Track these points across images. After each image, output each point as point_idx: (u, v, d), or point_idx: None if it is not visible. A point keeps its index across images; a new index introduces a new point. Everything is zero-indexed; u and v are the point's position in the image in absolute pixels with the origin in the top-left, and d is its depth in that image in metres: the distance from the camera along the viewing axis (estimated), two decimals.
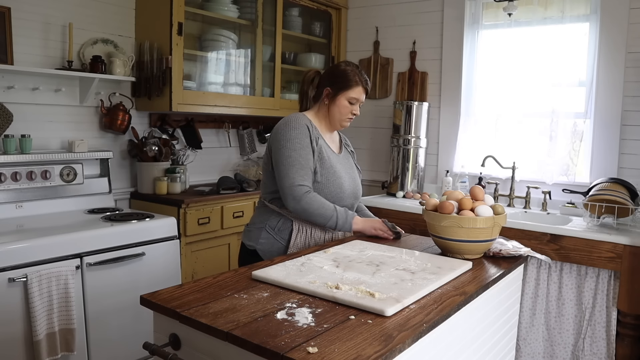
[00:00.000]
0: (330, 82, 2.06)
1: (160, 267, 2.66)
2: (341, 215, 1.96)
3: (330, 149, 2.07)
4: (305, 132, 1.95)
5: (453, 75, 3.62)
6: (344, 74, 2.04)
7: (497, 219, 1.76)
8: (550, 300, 2.71)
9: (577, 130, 3.16)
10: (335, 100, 2.04)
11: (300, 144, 1.92)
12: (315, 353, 1.03)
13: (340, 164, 2.07)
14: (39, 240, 2.21)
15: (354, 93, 2.03)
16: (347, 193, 2.05)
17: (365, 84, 2.06)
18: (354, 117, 2.10)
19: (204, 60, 3.39)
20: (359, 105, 2.09)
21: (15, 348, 2.10)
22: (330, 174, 1.99)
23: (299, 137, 1.93)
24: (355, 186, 2.13)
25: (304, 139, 1.94)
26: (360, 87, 2.04)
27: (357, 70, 2.06)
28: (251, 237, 2.04)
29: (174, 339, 1.27)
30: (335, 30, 4.10)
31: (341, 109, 2.04)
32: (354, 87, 2.03)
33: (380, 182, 3.90)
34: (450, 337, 1.40)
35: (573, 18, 3.17)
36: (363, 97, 2.08)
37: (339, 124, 2.08)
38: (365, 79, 2.06)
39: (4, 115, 2.58)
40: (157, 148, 3.13)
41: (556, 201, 3.18)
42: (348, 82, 2.03)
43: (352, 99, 2.04)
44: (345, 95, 2.03)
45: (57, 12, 2.80)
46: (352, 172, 2.14)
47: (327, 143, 2.06)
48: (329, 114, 2.07)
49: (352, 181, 2.09)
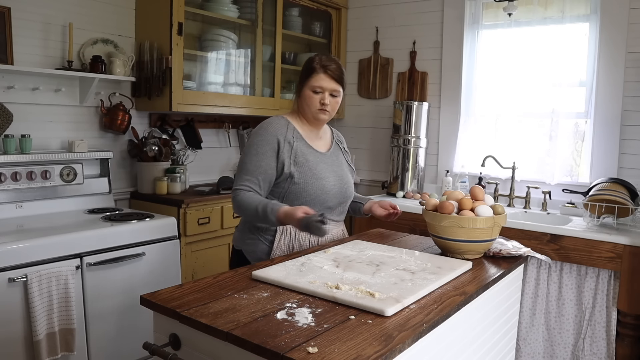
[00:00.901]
0: (299, 77, 1.99)
1: (160, 267, 2.66)
2: (262, 210, 1.79)
3: (312, 149, 1.97)
4: (270, 138, 1.89)
5: (453, 75, 3.62)
6: (306, 64, 1.96)
7: (497, 219, 1.76)
8: (550, 300, 2.71)
9: (578, 130, 3.16)
10: (302, 93, 1.96)
11: (257, 150, 1.88)
12: (315, 353, 1.03)
13: (324, 164, 1.97)
14: (39, 240, 2.21)
15: (314, 81, 1.91)
16: (332, 194, 1.95)
17: (327, 69, 1.91)
18: (326, 108, 1.95)
19: (204, 60, 3.39)
20: (329, 95, 1.94)
21: (15, 348, 2.10)
22: (308, 175, 1.90)
23: (259, 143, 1.89)
24: (343, 185, 2.01)
25: (264, 145, 1.88)
26: (321, 74, 1.91)
27: (322, 58, 1.94)
28: (237, 237, 2.02)
29: (174, 339, 1.27)
30: (335, 30, 4.10)
31: (307, 101, 1.94)
32: (314, 74, 1.92)
33: (380, 182, 3.90)
34: (450, 337, 1.40)
35: (573, 18, 3.17)
36: (329, 84, 1.92)
37: (312, 117, 1.97)
38: (325, 64, 1.92)
39: (4, 115, 2.58)
40: (157, 148, 3.13)
41: (556, 201, 3.18)
42: (307, 71, 1.93)
43: (316, 88, 1.92)
44: (308, 86, 1.93)
45: (57, 12, 2.80)
46: (339, 170, 2.03)
47: (308, 142, 1.97)
48: (300, 109, 1.99)
49: (338, 180, 1.98)
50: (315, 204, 1.91)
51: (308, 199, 1.90)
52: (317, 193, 1.91)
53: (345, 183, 2.03)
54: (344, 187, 2.01)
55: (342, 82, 1.96)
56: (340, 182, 1.99)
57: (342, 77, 1.95)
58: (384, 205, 2.10)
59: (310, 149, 1.97)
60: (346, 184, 2.03)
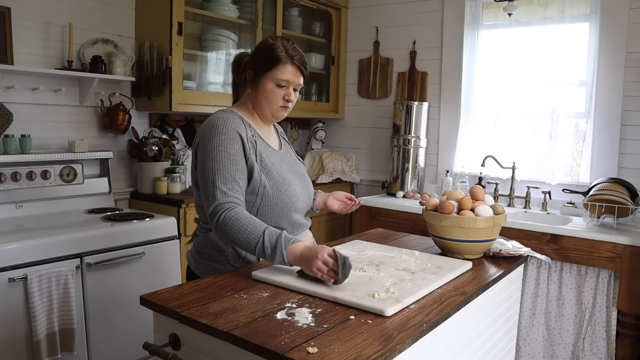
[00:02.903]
0: (252, 63, 1.65)
1: (160, 267, 2.65)
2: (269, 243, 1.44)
3: (271, 148, 1.70)
4: (234, 136, 1.56)
5: (453, 75, 3.62)
6: (268, 50, 1.62)
7: (497, 219, 1.76)
8: (550, 300, 2.71)
9: (579, 130, 3.16)
10: (259, 84, 1.63)
11: (226, 150, 1.53)
12: (315, 353, 1.03)
13: (285, 164, 1.71)
14: (38, 240, 2.21)
15: (280, 73, 1.60)
16: (302, 199, 1.71)
17: (297, 61, 1.62)
18: (289, 105, 1.67)
19: (204, 60, 3.39)
20: (295, 89, 1.66)
21: (15, 348, 2.10)
22: (280, 183, 1.63)
23: (225, 143, 1.54)
24: (306, 186, 1.77)
25: (232, 144, 1.55)
26: (289, 66, 1.61)
27: (287, 45, 1.63)
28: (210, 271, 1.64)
29: (174, 339, 1.27)
30: (335, 30, 4.10)
31: (268, 95, 1.63)
32: (281, 65, 1.60)
33: (380, 182, 3.90)
34: (450, 337, 1.40)
35: (573, 18, 3.17)
36: (296, 78, 1.63)
37: (270, 114, 1.67)
38: (297, 55, 1.62)
39: (4, 115, 2.58)
40: (157, 148, 3.13)
41: (556, 201, 3.18)
42: (273, 60, 1.60)
43: (280, 81, 1.61)
44: (270, 78, 1.61)
45: (57, 12, 2.80)
46: (297, 168, 1.78)
47: (265, 141, 1.69)
48: (255, 104, 1.68)
49: (301, 181, 1.75)
50: (286, 213, 1.66)
51: (283, 209, 1.65)
52: (292, 201, 1.66)
53: (308, 182, 1.80)
54: (307, 187, 1.78)
55: (305, 75, 1.68)
56: (303, 182, 1.76)
57: (306, 69, 1.68)
58: (339, 198, 1.92)
59: (269, 148, 1.69)
60: (308, 184, 1.80)
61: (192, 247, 1.78)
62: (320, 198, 1.94)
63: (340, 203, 1.92)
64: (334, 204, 1.92)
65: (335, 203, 1.92)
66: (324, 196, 1.95)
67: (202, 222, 1.71)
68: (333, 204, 1.92)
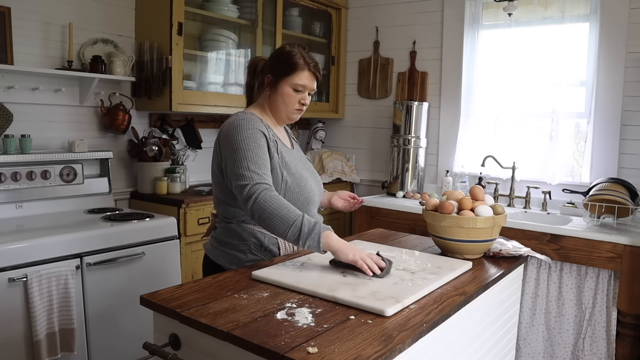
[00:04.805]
0: (271, 68, 1.78)
1: (160, 267, 2.66)
2: (307, 222, 1.54)
3: (287, 147, 1.83)
4: (258, 134, 1.68)
5: (453, 75, 3.62)
6: (286, 56, 1.75)
7: (497, 219, 1.76)
8: (550, 300, 2.71)
9: (580, 131, 3.17)
10: (278, 88, 1.76)
11: (256, 142, 1.66)
12: (315, 353, 1.03)
13: (299, 162, 1.84)
14: (38, 240, 2.21)
15: (298, 78, 1.73)
16: (317, 194, 1.84)
17: (314, 67, 1.76)
18: (303, 108, 1.81)
19: (204, 60, 3.39)
20: (309, 94, 1.80)
21: (15, 348, 2.10)
22: (299, 179, 1.76)
23: (253, 136, 1.66)
24: (318, 182, 1.89)
25: (259, 137, 1.67)
26: (306, 72, 1.74)
27: (303, 52, 1.76)
28: (232, 259, 1.74)
29: (174, 339, 1.27)
30: (335, 30, 4.10)
31: (285, 99, 1.76)
32: (299, 71, 1.73)
33: (380, 182, 3.90)
34: (450, 337, 1.40)
35: (573, 18, 3.17)
36: (312, 84, 1.77)
37: (286, 116, 1.80)
38: (313, 62, 1.76)
39: (4, 115, 2.58)
40: (157, 148, 3.13)
41: (556, 201, 3.18)
42: (291, 67, 1.73)
43: (298, 86, 1.74)
44: (288, 82, 1.74)
45: (57, 12, 2.80)
46: (309, 166, 1.91)
47: (282, 142, 1.81)
48: (272, 106, 1.80)
49: (314, 178, 1.87)
50: (306, 208, 1.78)
51: (303, 203, 1.77)
52: (309, 196, 1.79)
53: (319, 179, 1.92)
54: (319, 183, 1.90)
55: (319, 81, 1.82)
56: (315, 179, 1.88)
57: (321, 75, 1.82)
58: (343, 196, 2.02)
59: (286, 147, 1.82)
60: (319, 180, 1.92)
61: (210, 238, 1.87)
62: (325, 197, 2.04)
63: (344, 201, 2.03)
64: (338, 202, 2.02)
65: (339, 201, 2.03)
66: (328, 195, 2.05)
67: (223, 215, 1.80)
68: (337, 202, 2.03)
